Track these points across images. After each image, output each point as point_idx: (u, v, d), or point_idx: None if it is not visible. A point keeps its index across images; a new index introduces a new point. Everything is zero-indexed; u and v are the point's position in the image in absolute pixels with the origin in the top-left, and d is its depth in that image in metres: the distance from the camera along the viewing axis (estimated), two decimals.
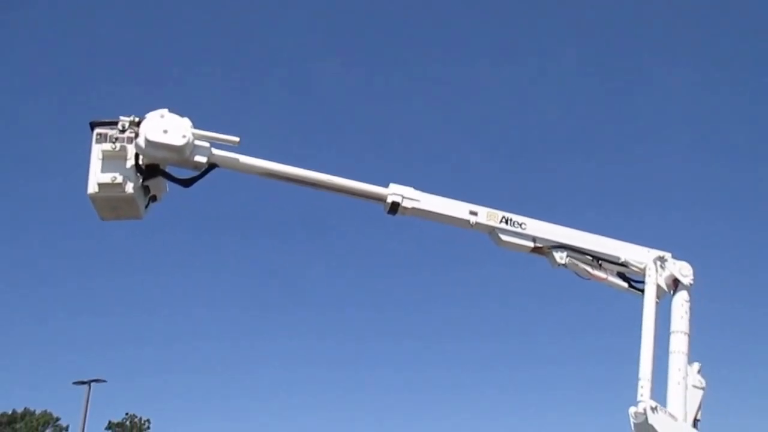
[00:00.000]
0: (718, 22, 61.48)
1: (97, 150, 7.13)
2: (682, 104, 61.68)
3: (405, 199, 7.65)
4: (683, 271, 7.86)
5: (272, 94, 69.12)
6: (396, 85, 68.01)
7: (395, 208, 7.66)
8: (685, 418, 7.38)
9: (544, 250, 7.89)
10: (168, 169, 7.39)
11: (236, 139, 7.34)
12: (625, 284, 8.05)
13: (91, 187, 7.11)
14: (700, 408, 7.64)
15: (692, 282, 7.85)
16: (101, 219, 7.42)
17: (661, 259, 7.89)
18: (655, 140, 60.92)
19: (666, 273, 7.86)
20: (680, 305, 7.78)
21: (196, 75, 68.08)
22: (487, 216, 7.78)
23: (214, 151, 7.36)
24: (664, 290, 7.85)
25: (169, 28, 68.79)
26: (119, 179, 7.06)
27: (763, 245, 55.34)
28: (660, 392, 7.38)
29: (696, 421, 7.58)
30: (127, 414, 50.26)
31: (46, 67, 67.53)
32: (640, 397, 7.21)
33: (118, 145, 7.08)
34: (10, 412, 47.71)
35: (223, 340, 67.43)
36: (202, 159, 7.28)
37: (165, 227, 52.22)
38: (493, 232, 7.80)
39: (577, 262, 7.89)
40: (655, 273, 7.81)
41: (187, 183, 7.43)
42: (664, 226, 49.70)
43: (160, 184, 7.50)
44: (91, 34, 66.58)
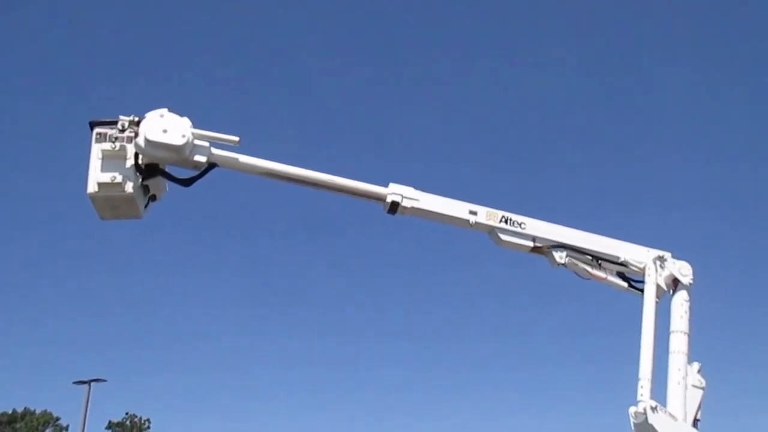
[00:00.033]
0: (718, 22, 61.60)
1: (96, 149, 7.13)
2: (682, 104, 61.76)
3: (405, 199, 7.65)
4: (683, 270, 7.86)
5: (272, 94, 69.25)
6: (396, 85, 68.12)
7: (395, 207, 7.66)
8: (685, 418, 7.38)
9: (544, 249, 7.89)
10: (168, 169, 7.40)
11: (236, 139, 7.34)
12: (625, 284, 8.06)
13: (91, 187, 7.11)
14: (699, 408, 7.65)
15: (692, 282, 7.86)
16: (101, 218, 7.42)
17: (661, 259, 7.89)
18: (655, 140, 61.02)
19: (665, 272, 7.86)
20: (680, 305, 7.78)
21: (196, 75, 68.24)
22: (486, 215, 7.78)
23: (214, 151, 7.36)
24: (664, 290, 7.86)
25: (169, 28, 68.89)
26: (119, 179, 7.06)
27: (763, 245, 55.36)
28: (660, 392, 7.39)
29: (696, 421, 7.58)
30: (127, 414, 50.27)
31: (46, 66, 67.60)
32: (640, 396, 7.22)
33: (118, 144, 7.08)
34: (11, 412, 47.70)
35: (223, 340, 67.40)
36: (201, 158, 7.28)
37: (165, 227, 52.33)
38: (492, 231, 7.80)
39: (576, 262, 7.89)
40: (655, 272, 7.81)
41: (187, 182, 7.44)
42: (664, 226, 49.69)
43: (160, 184, 7.50)
44: (91, 34, 66.75)
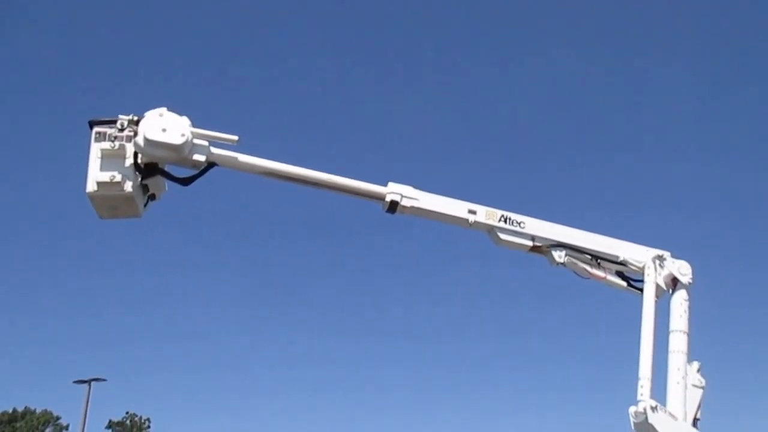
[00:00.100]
0: (717, 22, 61.57)
1: (95, 149, 7.11)
2: (682, 104, 61.71)
3: (404, 198, 7.64)
4: (682, 269, 7.85)
5: (272, 93, 69.25)
6: (396, 84, 68.13)
7: (394, 206, 7.65)
8: (685, 418, 7.37)
9: (543, 248, 7.88)
10: (167, 168, 7.37)
11: (235, 138, 7.33)
12: (624, 283, 8.05)
13: (90, 186, 7.09)
14: (699, 407, 7.64)
15: (691, 281, 7.85)
16: (100, 218, 7.40)
17: (660, 258, 7.88)
18: (655, 140, 60.99)
19: (665, 272, 7.85)
20: (679, 304, 7.77)
21: (196, 74, 68.16)
22: (485, 215, 7.77)
23: (213, 150, 7.34)
24: (663, 289, 7.85)
25: (169, 27, 68.95)
26: (118, 178, 7.04)
27: (763, 245, 55.37)
28: (660, 391, 7.38)
29: (696, 421, 7.57)
30: (128, 413, 50.42)
31: (46, 66, 67.62)
32: (639, 396, 7.21)
33: (117, 143, 7.07)
34: (11, 411, 47.78)
35: (223, 340, 67.52)
36: (201, 158, 7.27)
37: (164, 226, 52.24)
38: (492, 230, 7.79)
39: (576, 261, 7.88)
40: (654, 272, 7.80)
41: (186, 182, 7.42)
42: (663, 226, 49.66)
43: (159, 183, 7.49)
44: (91, 34, 66.79)
